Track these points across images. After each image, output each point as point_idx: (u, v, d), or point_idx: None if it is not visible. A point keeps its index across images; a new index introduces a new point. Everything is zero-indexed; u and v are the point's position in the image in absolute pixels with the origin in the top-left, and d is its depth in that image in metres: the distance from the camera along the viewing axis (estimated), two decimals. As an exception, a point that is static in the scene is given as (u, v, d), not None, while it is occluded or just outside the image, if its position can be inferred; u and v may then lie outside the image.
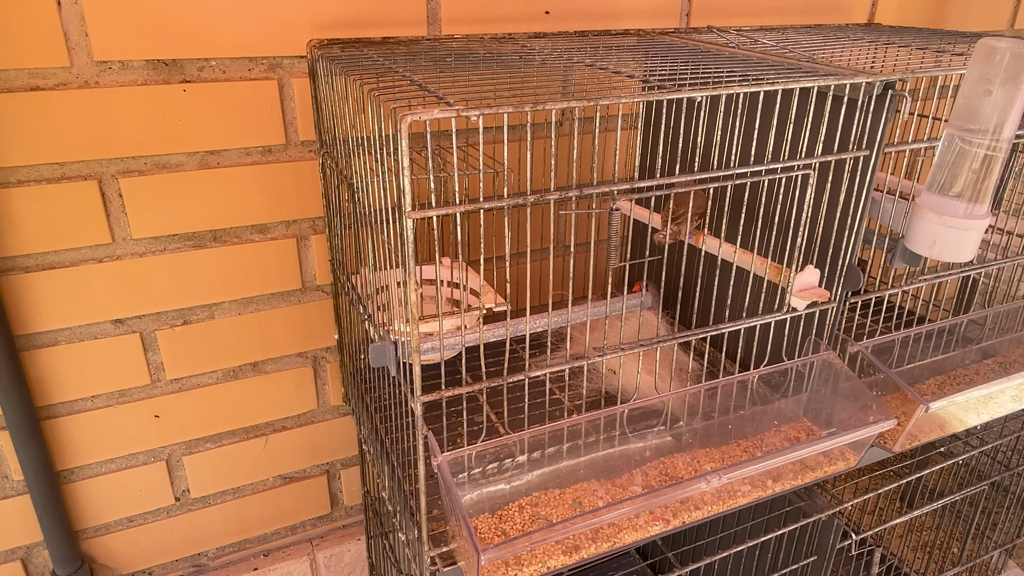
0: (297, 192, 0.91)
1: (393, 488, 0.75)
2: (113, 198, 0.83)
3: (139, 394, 0.93)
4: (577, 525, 0.61)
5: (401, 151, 0.50)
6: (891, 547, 1.28)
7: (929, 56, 0.80)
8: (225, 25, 0.81)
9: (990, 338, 0.95)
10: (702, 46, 0.85)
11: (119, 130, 0.81)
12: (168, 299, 0.90)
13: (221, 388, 0.97)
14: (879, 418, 0.73)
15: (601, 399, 0.84)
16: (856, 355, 0.79)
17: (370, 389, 0.87)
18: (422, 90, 0.58)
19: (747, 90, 0.61)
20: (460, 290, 0.91)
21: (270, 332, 0.97)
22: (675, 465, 0.72)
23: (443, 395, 0.61)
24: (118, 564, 1.01)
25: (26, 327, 0.84)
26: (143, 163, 0.83)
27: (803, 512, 0.84)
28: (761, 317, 0.76)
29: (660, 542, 1.11)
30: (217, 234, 0.90)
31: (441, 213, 0.54)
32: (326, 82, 0.76)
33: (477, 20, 0.93)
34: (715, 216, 0.85)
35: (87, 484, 0.95)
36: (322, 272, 0.97)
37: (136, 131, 0.81)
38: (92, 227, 0.83)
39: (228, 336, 0.95)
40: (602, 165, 1.06)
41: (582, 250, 1.11)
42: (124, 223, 0.85)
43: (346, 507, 1.15)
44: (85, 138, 0.79)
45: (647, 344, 0.70)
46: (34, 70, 0.75)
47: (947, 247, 0.70)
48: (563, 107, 0.56)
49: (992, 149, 0.66)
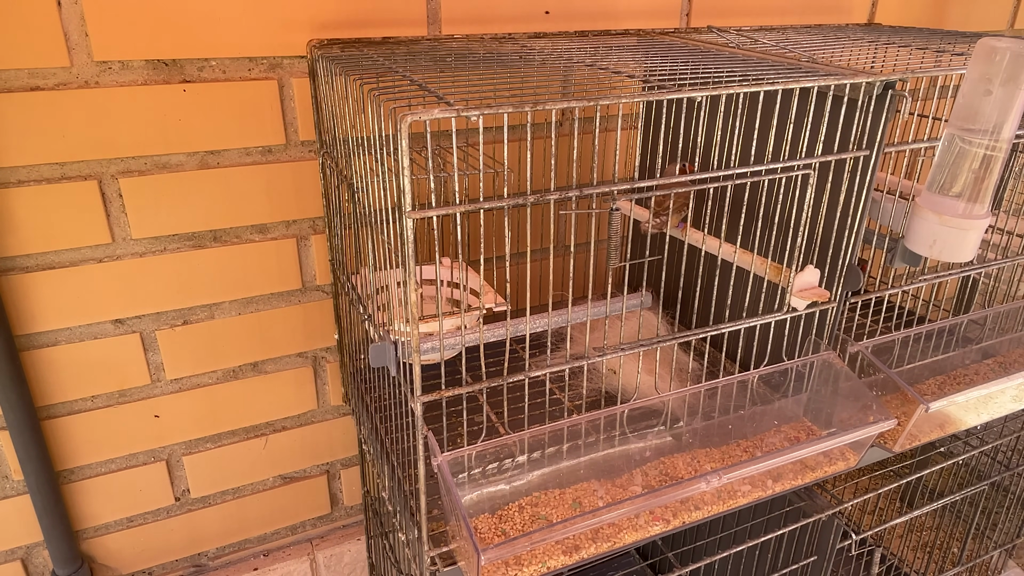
0: (297, 192, 0.91)
1: (393, 488, 0.75)
2: (113, 198, 0.83)
3: (139, 394, 0.93)
4: (577, 525, 0.61)
5: (401, 151, 0.50)
6: (891, 547, 1.28)
7: (929, 56, 0.80)
8: (225, 25, 0.81)
9: (990, 338, 0.95)
10: (702, 46, 0.84)
11: (119, 130, 0.81)
12: (168, 299, 0.90)
13: (221, 388, 0.97)
14: (879, 418, 0.73)
15: (601, 399, 0.84)
16: (856, 355, 0.79)
17: (370, 389, 0.87)
18: (422, 90, 0.58)
19: (747, 90, 0.61)
20: (460, 290, 0.91)
21: (270, 332, 0.97)
22: (675, 465, 0.72)
23: (443, 395, 0.61)
24: (118, 564, 1.01)
25: (26, 327, 0.84)
26: (143, 163, 0.83)
27: (803, 512, 0.84)
28: (761, 317, 0.76)
29: (660, 542, 1.11)
30: (217, 234, 0.90)
31: (441, 213, 0.54)
32: (326, 82, 0.76)
33: (477, 20, 0.93)
34: (715, 216, 0.85)
35: (87, 484, 0.95)
36: (322, 272, 0.97)
37: (136, 131, 0.81)
38: (92, 227, 0.83)
39: (228, 336, 0.95)
40: (602, 165, 1.06)
41: (582, 250, 1.11)
42: (124, 223, 0.85)
43: (346, 507, 1.15)
44: (85, 138, 0.79)
45: (647, 344, 0.70)
46: (34, 70, 0.75)
47: (947, 247, 0.70)
48: (563, 107, 0.56)
49: (992, 149, 0.66)
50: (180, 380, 0.95)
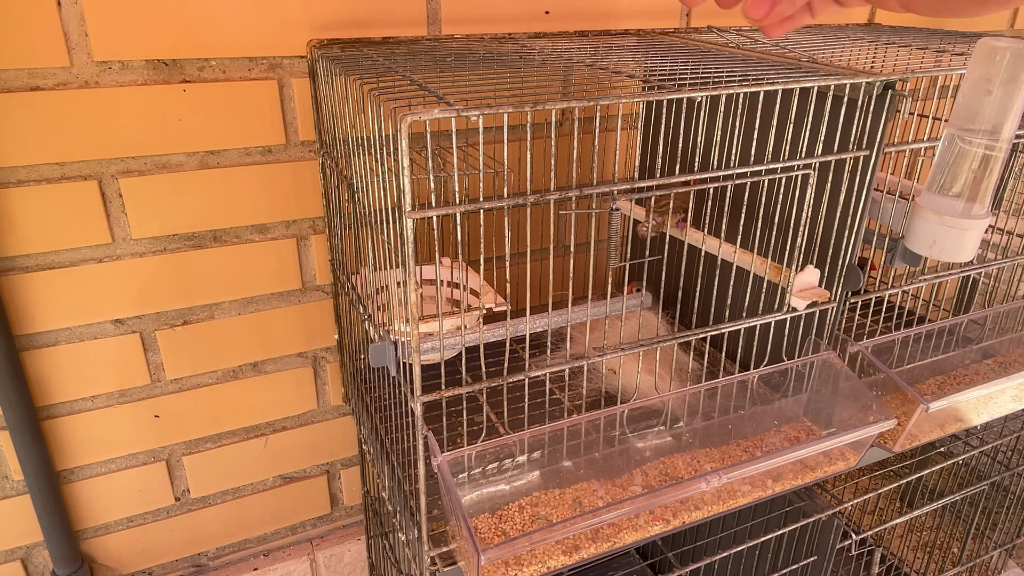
0: (297, 192, 0.91)
1: (393, 488, 0.75)
2: (113, 198, 0.83)
3: (139, 394, 0.93)
4: (577, 525, 0.61)
5: (401, 151, 0.50)
6: (891, 547, 1.28)
7: (929, 56, 0.80)
8: (225, 25, 0.81)
9: (990, 338, 0.95)
10: (702, 46, 0.84)
11: (119, 130, 0.81)
12: (168, 299, 0.90)
13: (221, 388, 0.97)
14: (879, 418, 0.73)
15: (601, 399, 0.84)
16: (856, 355, 0.79)
17: (370, 389, 0.87)
18: (422, 90, 0.58)
19: (747, 90, 0.61)
20: (460, 290, 0.91)
21: (270, 332, 0.97)
22: (675, 465, 0.72)
23: (443, 395, 0.61)
24: (118, 564, 1.01)
25: (26, 327, 0.84)
26: (143, 163, 0.83)
27: (803, 512, 0.84)
28: (761, 317, 0.76)
29: (660, 542, 1.11)
30: (217, 234, 0.90)
31: (441, 213, 0.54)
32: (326, 82, 0.76)
33: (477, 20, 0.93)
34: (715, 216, 0.85)
35: (87, 484, 0.95)
36: (322, 272, 0.97)
37: (136, 131, 0.81)
38: (92, 227, 0.83)
39: (228, 336, 0.95)
40: (602, 165, 1.06)
41: (582, 250, 1.11)
42: (124, 223, 0.85)
43: (346, 507, 1.15)
44: (85, 138, 0.79)
45: (647, 344, 0.70)
46: (34, 70, 0.75)
47: (947, 247, 0.70)
48: (563, 107, 0.56)
49: (992, 149, 0.66)
50: (180, 380, 0.95)
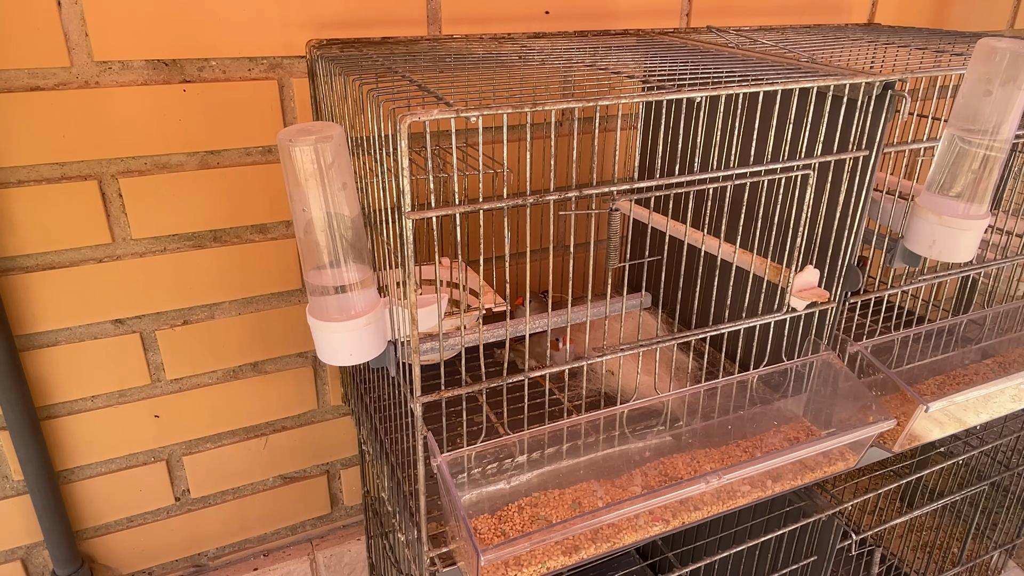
0: (297, 192, 0.91)
1: (393, 488, 0.75)
2: (113, 198, 0.83)
3: (139, 394, 0.93)
4: (577, 526, 0.61)
5: (400, 151, 0.50)
6: (891, 547, 1.28)
7: (929, 56, 0.80)
8: (225, 25, 0.81)
9: (990, 338, 0.95)
10: (702, 46, 0.84)
11: (119, 130, 0.81)
12: (168, 299, 0.90)
13: (221, 388, 0.97)
14: (879, 418, 0.73)
15: (601, 400, 0.84)
16: (856, 355, 0.79)
17: (370, 389, 0.87)
18: (422, 90, 0.58)
19: (747, 90, 0.61)
20: (460, 290, 0.91)
21: (270, 332, 0.97)
22: (675, 465, 0.72)
23: (443, 395, 0.61)
24: (118, 564, 1.01)
25: (26, 327, 0.84)
26: (143, 163, 0.83)
27: (803, 512, 0.84)
28: (761, 317, 0.76)
29: (660, 542, 1.11)
30: (217, 234, 0.90)
31: (440, 214, 0.54)
32: (325, 82, 0.76)
33: (477, 20, 0.93)
34: (715, 216, 0.85)
35: (87, 484, 0.95)
36: (322, 272, 0.97)
37: (136, 131, 0.81)
38: (92, 227, 0.83)
39: (228, 336, 0.95)
40: (602, 165, 1.06)
41: (582, 250, 1.11)
42: (124, 223, 0.85)
43: (346, 507, 1.15)
44: (85, 138, 0.79)
45: (646, 344, 0.70)
46: (34, 70, 0.75)
47: (946, 247, 0.70)
48: (563, 107, 0.55)
49: (992, 149, 0.66)
50: (180, 380, 0.95)
